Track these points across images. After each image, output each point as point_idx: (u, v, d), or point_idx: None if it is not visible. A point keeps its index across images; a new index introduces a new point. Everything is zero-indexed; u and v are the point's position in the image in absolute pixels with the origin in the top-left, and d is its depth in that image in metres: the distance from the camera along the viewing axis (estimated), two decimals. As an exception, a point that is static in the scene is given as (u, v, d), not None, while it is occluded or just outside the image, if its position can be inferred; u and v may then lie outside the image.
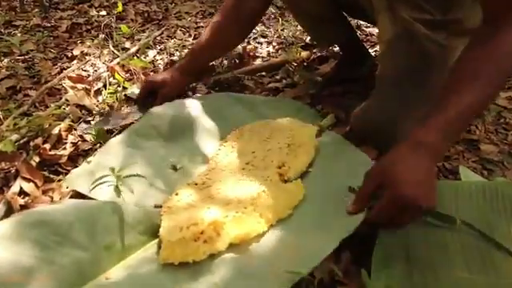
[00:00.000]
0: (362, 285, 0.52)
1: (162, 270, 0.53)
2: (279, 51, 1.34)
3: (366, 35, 1.47)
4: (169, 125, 0.81)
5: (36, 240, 0.50)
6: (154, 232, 0.59)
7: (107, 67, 1.15)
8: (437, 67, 0.71)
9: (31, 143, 0.84)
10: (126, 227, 0.57)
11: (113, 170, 0.65)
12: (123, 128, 0.87)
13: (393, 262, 0.54)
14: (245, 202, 0.61)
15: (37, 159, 0.79)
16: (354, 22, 1.51)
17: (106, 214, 0.56)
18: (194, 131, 0.81)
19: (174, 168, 0.73)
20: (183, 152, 0.76)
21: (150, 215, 0.61)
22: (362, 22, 1.49)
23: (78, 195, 0.67)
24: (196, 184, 0.67)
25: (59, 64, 1.29)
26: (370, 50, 1.33)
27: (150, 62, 1.24)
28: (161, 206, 0.63)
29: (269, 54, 1.32)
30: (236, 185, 0.65)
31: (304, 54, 1.25)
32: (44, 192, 0.72)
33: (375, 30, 1.48)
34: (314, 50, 1.28)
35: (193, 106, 0.86)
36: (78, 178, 0.68)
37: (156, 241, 0.59)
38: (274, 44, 1.39)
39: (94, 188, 0.65)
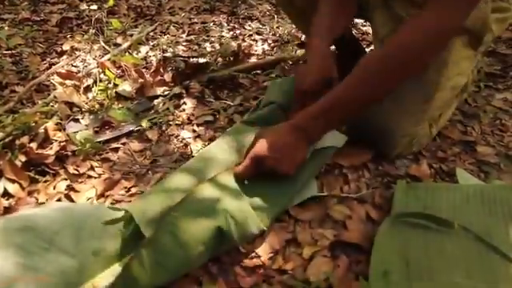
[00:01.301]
0: (359, 292, 0.51)
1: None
2: (275, 49, 1.32)
3: (362, 34, 1.46)
4: None
5: (20, 246, 0.48)
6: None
7: (98, 63, 1.12)
8: (433, 65, 0.70)
9: (17, 142, 0.81)
10: (114, 232, 0.55)
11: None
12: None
13: (391, 268, 0.53)
14: None
15: (22, 159, 0.76)
16: (350, 20, 1.50)
17: (94, 218, 0.54)
18: None
19: None
20: None
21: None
22: (357, 21, 1.47)
23: (65, 197, 0.65)
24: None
25: (48, 59, 1.26)
26: (366, 48, 1.32)
27: (142, 59, 1.22)
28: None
29: (264, 52, 1.30)
30: None
31: (300, 51, 1.23)
32: (29, 193, 0.70)
33: (370, 29, 1.47)
34: (310, 48, 1.26)
35: None
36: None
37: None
38: (270, 42, 1.37)
39: None
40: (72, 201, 0.68)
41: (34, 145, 0.80)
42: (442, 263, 0.55)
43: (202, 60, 1.20)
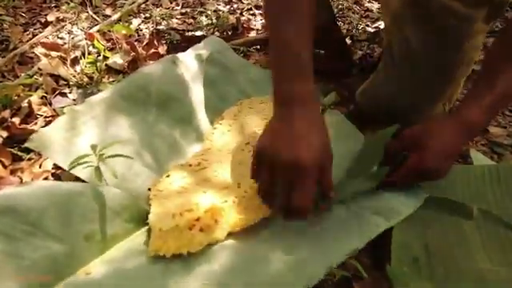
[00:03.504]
0: (378, 277, 0.47)
1: (151, 262, 0.47)
2: (275, 24, 1.25)
3: (366, 10, 1.40)
4: (158, 86, 0.69)
5: (1, 230, 0.42)
6: (141, 219, 0.52)
7: (86, 34, 1.04)
8: (452, 41, 0.65)
9: (-3, 116, 0.74)
10: (109, 214, 0.49)
11: (93, 147, 0.55)
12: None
13: (412, 255, 0.49)
14: (245, 186, 0.54)
15: (4, 134, 0.70)
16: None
17: (85, 198, 0.48)
18: (187, 96, 0.71)
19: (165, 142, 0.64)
20: (174, 123, 0.68)
21: (136, 200, 0.54)
22: (361, -3, 1.41)
23: (52, 176, 0.59)
24: (190, 165, 0.59)
25: (31, 30, 1.17)
26: (371, 25, 1.26)
27: (134, 31, 1.13)
28: (150, 189, 0.55)
29: (264, 27, 1.23)
30: (235, 167, 0.58)
31: (302, 27, 1.16)
32: (12, 172, 0.64)
33: (375, 6, 1.41)
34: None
35: (187, 62, 0.76)
36: (47, 141, 0.57)
37: (144, 229, 0.52)
38: (269, 16, 1.30)
39: (72, 165, 0.55)
40: (60, 180, 0.62)
41: (16, 119, 0.73)
42: (463, 249, 0.52)
43: (198, 33, 1.12)
